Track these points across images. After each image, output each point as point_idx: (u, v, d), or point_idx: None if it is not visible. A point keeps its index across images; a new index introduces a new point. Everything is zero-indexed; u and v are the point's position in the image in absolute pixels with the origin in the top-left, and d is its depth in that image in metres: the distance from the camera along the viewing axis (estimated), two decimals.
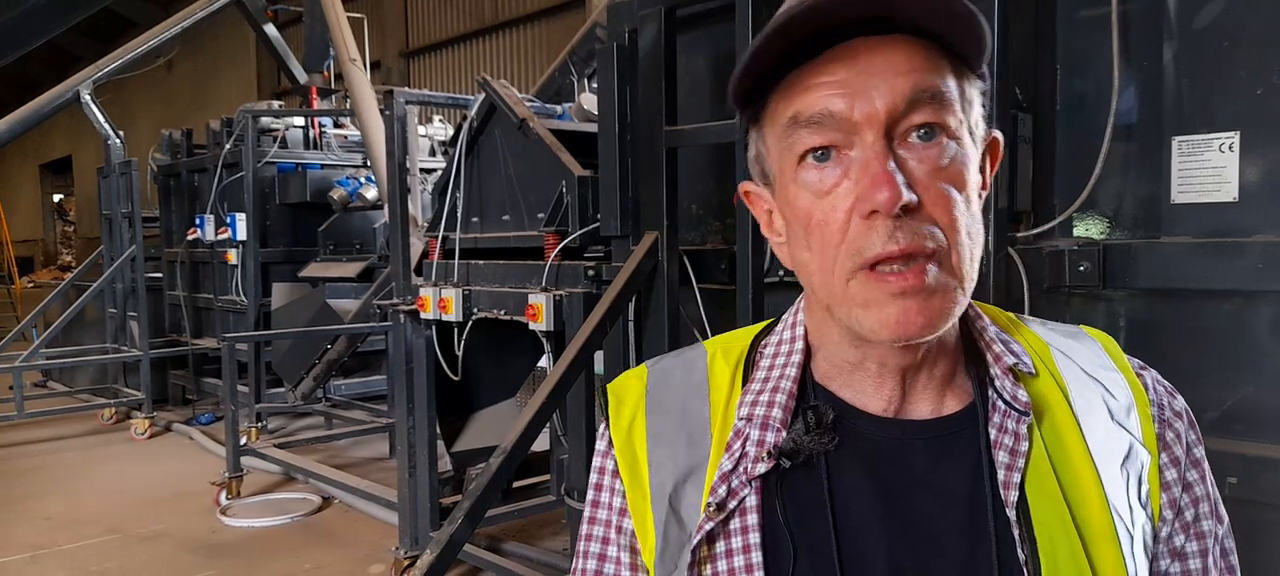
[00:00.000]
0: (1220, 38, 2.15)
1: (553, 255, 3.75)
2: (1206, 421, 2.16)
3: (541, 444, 4.13)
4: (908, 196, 0.71)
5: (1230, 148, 2.13)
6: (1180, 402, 0.87)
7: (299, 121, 8.61)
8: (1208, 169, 2.16)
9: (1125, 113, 2.27)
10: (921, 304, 0.74)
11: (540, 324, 3.65)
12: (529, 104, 4.32)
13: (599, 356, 3.37)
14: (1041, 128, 2.38)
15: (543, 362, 4.12)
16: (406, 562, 4.46)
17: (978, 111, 0.79)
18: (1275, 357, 2.10)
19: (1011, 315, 0.91)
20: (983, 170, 0.82)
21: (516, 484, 4.84)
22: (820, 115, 0.74)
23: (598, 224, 3.54)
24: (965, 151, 0.76)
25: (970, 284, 0.77)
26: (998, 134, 0.84)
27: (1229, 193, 2.14)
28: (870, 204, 0.72)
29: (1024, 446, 0.80)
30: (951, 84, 0.75)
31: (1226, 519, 0.88)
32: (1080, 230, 2.36)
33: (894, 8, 0.72)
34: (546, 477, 5.00)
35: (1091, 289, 2.30)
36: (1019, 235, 2.37)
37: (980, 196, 0.80)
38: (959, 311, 0.77)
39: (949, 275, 0.75)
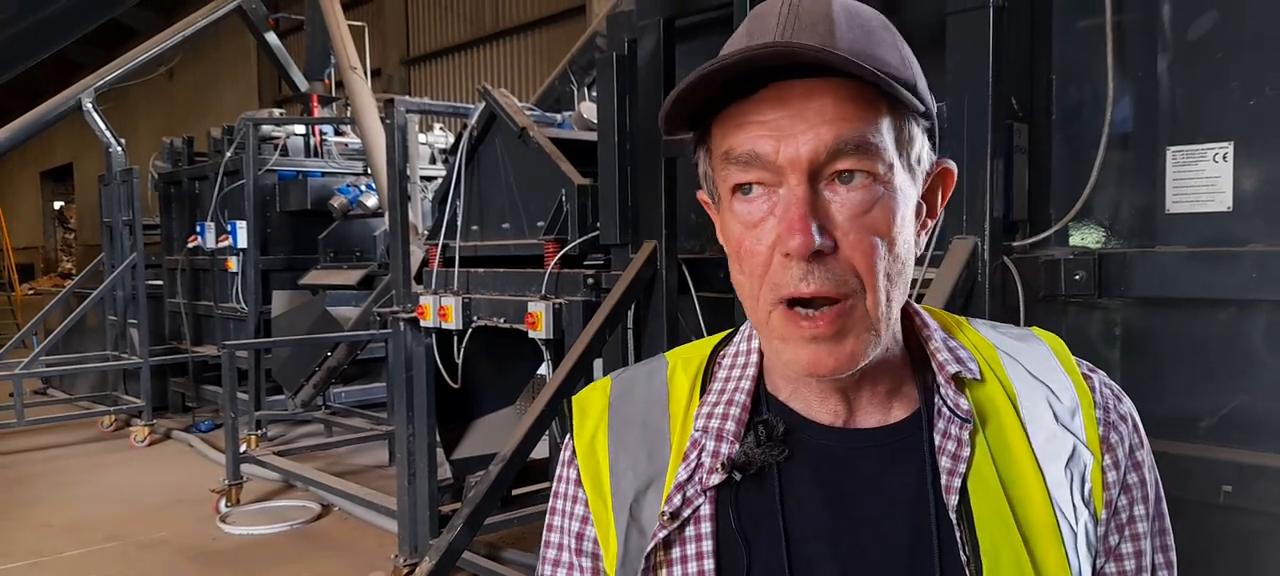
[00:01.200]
0: (1214, 48, 2.17)
1: (552, 263, 3.76)
2: (1202, 429, 2.18)
3: (541, 451, 4.13)
4: (819, 243, 0.75)
5: (1224, 157, 2.15)
6: (1126, 405, 0.90)
7: (300, 129, 8.63)
8: (1202, 179, 2.18)
9: (1120, 122, 2.29)
10: (831, 348, 0.78)
11: (540, 332, 3.66)
12: (529, 113, 4.33)
13: (598, 364, 3.39)
14: (1037, 137, 2.40)
15: (542, 370, 4.13)
16: (406, 570, 4.46)
17: (920, 147, 0.81)
18: (1269, 366, 2.11)
19: (958, 318, 0.94)
20: (932, 200, 0.85)
21: (516, 491, 4.84)
22: (748, 155, 0.77)
23: (597, 232, 3.56)
24: (894, 195, 0.78)
25: (888, 323, 0.80)
26: (950, 165, 0.86)
27: (1223, 202, 2.15)
28: (784, 247, 0.76)
29: (966, 451, 0.83)
30: (885, 128, 0.77)
31: (1167, 516, 0.90)
32: (1076, 239, 2.38)
33: (825, 63, 0.74)
34: (546, 485, 5.00)
35: (1087, 298, 2.31)
36: (1015, 244, 2.39)
37: (928, 227, 0.84)
38: (875, 351, 0.80)
39: (861, 320, 0.78)
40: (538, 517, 4.91)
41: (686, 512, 0.85)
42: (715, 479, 0.84)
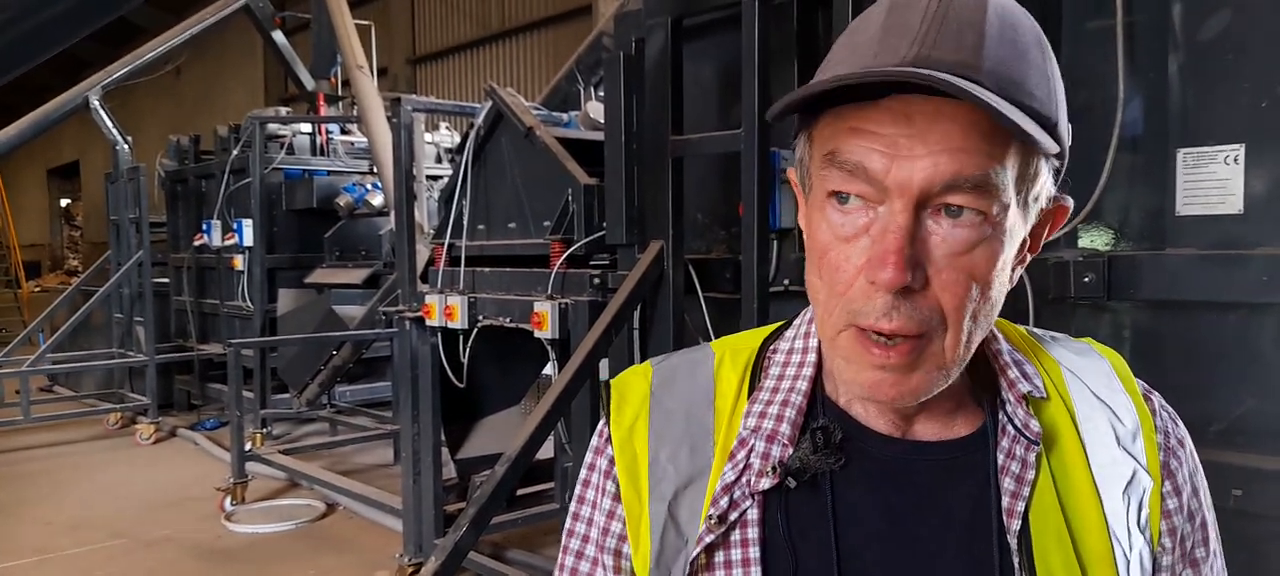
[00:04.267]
0: (1225, 50, 2.16)
1: (558, 263, 3.76)
2: (1211, 433, 2.16)
3: (546, 451, 4.13)
4: (909, 280, 0.70)
5: (1235, 160, 2.13)
6: (1182, 429, 0.87)
7: (306, 128, 8.64)
8: (1213, 181, 2.16)
9: (1130, 125, 2.27)
10: (897, 379, 0.74)
11: (545, 332, 3.66)
12: (536, 112, 4.33)
13: (604, 364, 3.38)
14: None
15: (548, 370, 4.13)
16: (411, 569, 4.47)
17: (1043, 183, 0.75)
18: None
19: (1022, 330, 0.90)
20: (1038, 235, 0.79)
21: (520, 491, 4.84)
22: (855, 166, 0.71)
23: (603, 232, 3.55)
24: (1002, 237, 0.72)
25: (962, 364, 0.76)
26: (1067, 202, 0.79)
27: (1234, 205, 2.14)
28: (872, 275, 0.71)
29: (1030, 474, 0.79)
30: (1009, 165, 0.71)
31: (1219, 539, 0.89)
32: (1085, 241, 2.36)
33: (963, 98, 0.67)
34: (551, 485, 5.00)
35: (1096, 300, 2.30)
36: None
37: (1026, 261, 0.79)
38: (940, 387, 0.76)
39: (934, 357, 0.74)
40: (543, 517, 4.91)
41: (733, 516, 0.80)
42: (765, 483, 0.80)
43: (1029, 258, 0.79)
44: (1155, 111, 2.26)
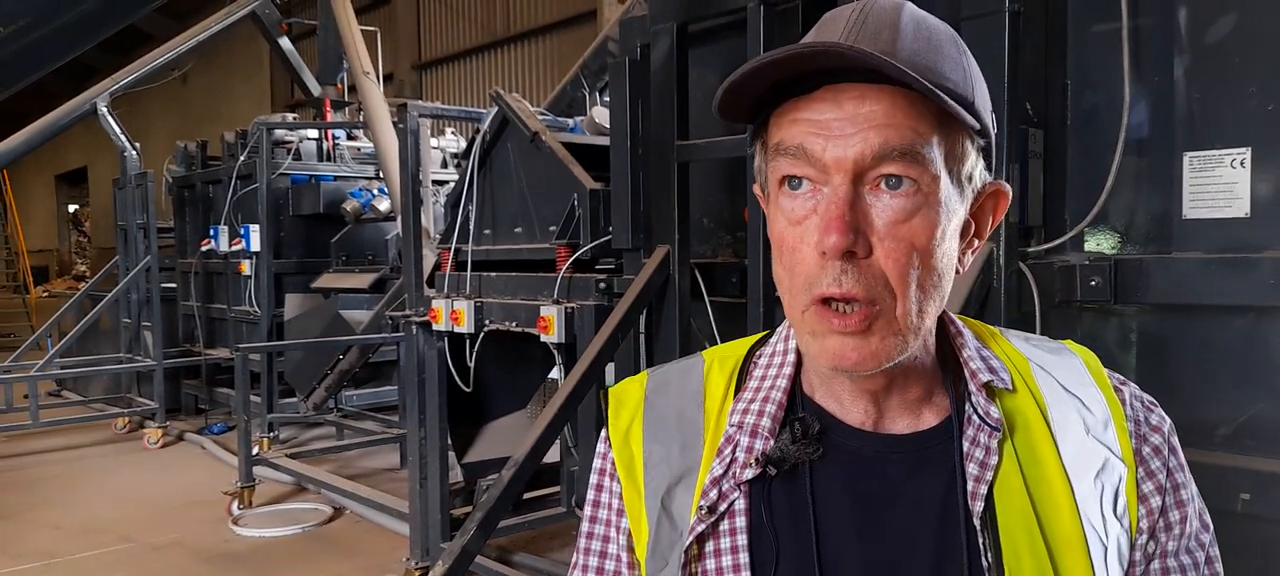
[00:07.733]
0: (1231, 53, 2.16)
1: (564, 268, 3.76)
2: (1218, 437, 2.16)
3: (552, 455, 4.13)
4: (850, 243, 0.77)
5: (1242, 163, 2.13)
6: (1158, 416, 0.90)
7: (313, 134, 8.67)
8: (1219, 184, 2.16)
9: (1136, 128, 2.27)
10: (856, 344, 0.79)
11: (552, 336, 3.66)
12: (541, 117, 4.34)
13: (610, 369, 3.38)
14: (1053, 142, 2.39)
15: (554, 374, 4.14)
16: (418, 573, 4.47)
17: (973, 165, 0.82)
18: None
19: (992, 329, 0.95)
20: (982, 221, 0.86)
21: (527, 495, 4.84)
22: (796, 149, 0.79)
23: (609, 237, 3.56)
24: (937, 207, 0.79)
25: (919, 333, 0.81)
26: (1005, 187, 0.87)
27: (1241, 208, 2.14)
28: (820, 245, 0.78)
29: (993, 459, 0.84)
30: (935, 142, 0.78)
31: (1211, 525, 0.90)
32: (1091, 245, 2.36)
33: (875, 69, 0.75)
34: (557, 489, 5.00)
35: (1102, 304, 2.30)
36: (1030, 250, 2.38)
37: (975, 247, 0.85)
38: (901, 355, 0.81)
39: (889, 325, 0.79)
40: (550, 521, 4.91)
41: (722, 506, 0.87)
42: (749, 473, 0.86)
43: (978, 243, 0.86)
44: (1162, 115, 2.26)
